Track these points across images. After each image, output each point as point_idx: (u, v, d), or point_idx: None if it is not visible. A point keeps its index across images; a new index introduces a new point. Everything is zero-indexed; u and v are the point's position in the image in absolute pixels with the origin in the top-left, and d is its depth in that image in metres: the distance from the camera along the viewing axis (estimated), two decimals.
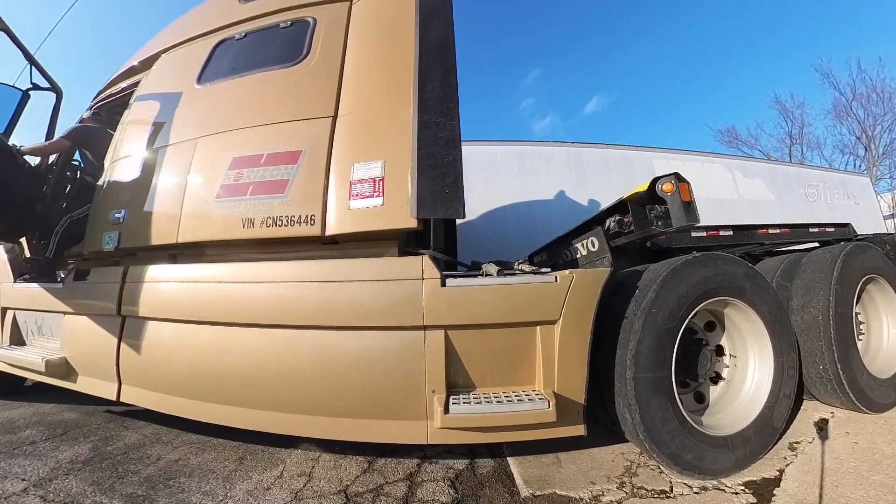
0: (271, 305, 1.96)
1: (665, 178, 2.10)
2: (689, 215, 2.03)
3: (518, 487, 1.78)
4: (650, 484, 1.75)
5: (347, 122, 2.14)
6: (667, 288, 1.85)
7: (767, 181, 6.87)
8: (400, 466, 2.02)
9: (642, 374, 1.74)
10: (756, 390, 1.98)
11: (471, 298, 1.79)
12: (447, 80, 2.07)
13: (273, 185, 2.06)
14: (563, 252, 2.96)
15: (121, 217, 2.50)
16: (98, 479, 1.93)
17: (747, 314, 2.01)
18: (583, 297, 1.79)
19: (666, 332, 1.80)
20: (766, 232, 2.80)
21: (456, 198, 1.84)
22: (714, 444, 1.78)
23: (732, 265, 2.00)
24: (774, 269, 2.59)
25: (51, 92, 3.33)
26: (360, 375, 1.84)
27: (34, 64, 3.13)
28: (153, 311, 2.24)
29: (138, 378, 2.29)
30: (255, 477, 1.94)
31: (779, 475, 1.76)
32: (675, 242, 2.58)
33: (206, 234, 2.16)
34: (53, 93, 3.34)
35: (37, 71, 3.17)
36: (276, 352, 1.95)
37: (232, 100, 2.49)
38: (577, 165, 5.81)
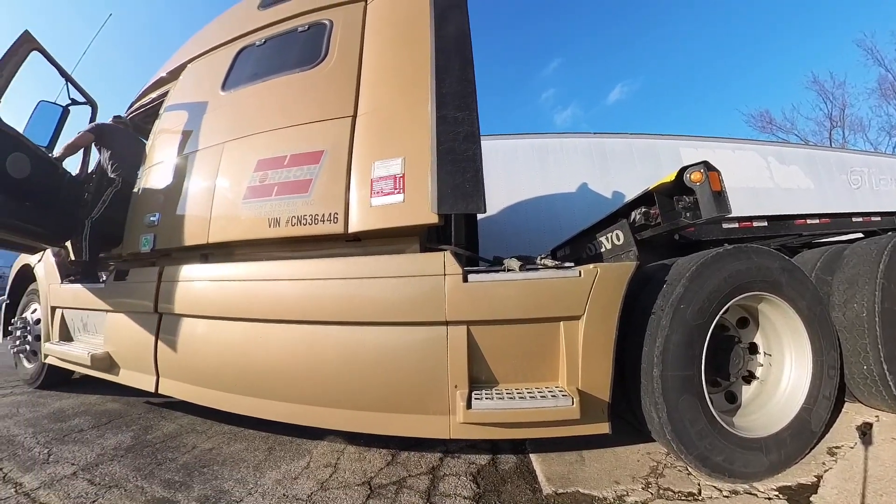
0: (297, 302, 2.01)
1: (693, 167, 2.01)
2: (720, 206, 1.94)
3: (540, 484, 1.77)
4: (677, 485, 1.69)
5: (367, 120, 2.16)
6: (696, 282, 1.77)
7: (805, 168, 6.46)
8: (422, 460, 2.05)
9: (670, 371, 1.68)
10: (793, 391, 1.88)
11: (493, 294, 1.78)
12: (464, 74, 2.05)
13: (297, 186, 2.11)
14: (587, 246, 2.90)
15: (155, 220, 2.62)
16: (139, 465, 2.04)
17: (784, 310, 1.91)
18: (608, 292, 1.75)
19: (695, 328, 1.73)
20: (805, 222, 2.64)
21: (476, 192, 1.82)
22: (746, 446, 1.70)
23: (767, 258, 1.90)
24: (814, 262, 2.44)
25: (87, 106, 3.54)
26: (383, 370, 1.86)
27: (70, 81, 3.33)
28: (187, 309, 2.35)
29: (174, 371, 2.41)
30: (283, 466, 2.01)
31: (816, 481, 1.66)
32: (704, 235, 2.48)
33: (235, 234, 2.23)
34: (90, 106, 3.56)
35: (73, 87, 3.38)
36: (303, 347, 2.00)
37: (255, 104, 2.55)
38: (599, 156, 5.66)
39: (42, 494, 1.77)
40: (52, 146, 3.27)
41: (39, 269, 3.44)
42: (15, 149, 2.52)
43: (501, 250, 2.95)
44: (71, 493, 1.78)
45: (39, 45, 2.78)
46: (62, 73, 3.24)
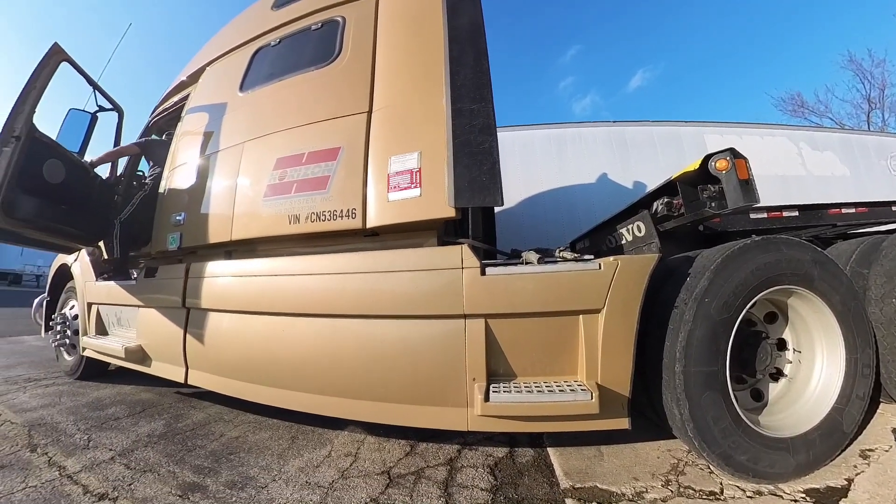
0: (317, 296, 2.05)
1: (719, 155, 1.93)
2: (747, 195, 1.87)
3: (558, 478, 1.76)
4: (698, 484, 1.65)
5: (382, 115, 2.17)
6: (722, 275, 1.71)
7: (840, 154, 6.09)
8: (441, 451, 2.07)
9: (693, 367, 1.64)
10: (823, 390, 1.79)
11: (511, 287, 1.77)
12: (479, 65, 2.02)
13: (315, 182, 2.14)
14: (607, 238, 2.84)
15: (181, 219, 2.71)
16: (171, 452, 2.14)
17: (815, 305, 1.82)
18: (628, 285, 1.71)
19: (720, 323, 1.67)
20: (839, 212, 2.52)
21: (493, 185, 1.81)
22: (772, 445, 1.64)
23: (798, 250, 1.81)
24: (849, 254, 2.31)
25: (114, 112, 3.68)
26: (402, 362, 1.89)
27: (97, 89, 3.46)
28: (212, 303, 2.43)
29: (202, 363, 2.51)
30: (305, 455, 2.07)
31: (847, 484, 1.58)
32: (731, 225, 2.40)
33: (257, 231, 2.29)
34: (116, 112, 3.70)
35: (100, 95, 3.52)
36: (323, 339, 2.05)
37: (272, 104, 2.59)
38: (619, 146, 5.51)
39: (83, 477, 1.88)
40: (82, 152, 3.43)
41: (76, 268, 3.62)
42: (50, 156, 2.65)
43: (519, 243, 2.93)
44: (109, 476, 1.89)
45: (68, 55, 2.89)
46: (89, 82, 3.37)
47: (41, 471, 1.93)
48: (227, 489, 1.75)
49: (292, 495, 1.69)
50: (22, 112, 2.50)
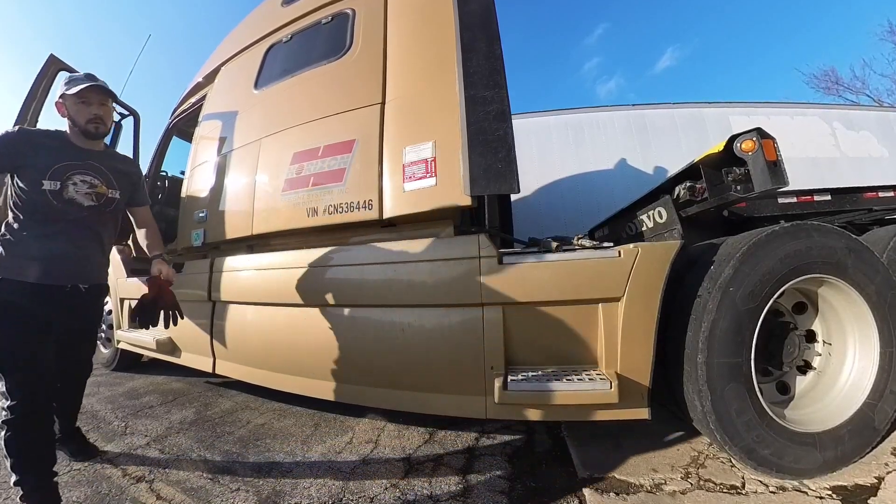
0: (337, 287, 2.09)
1: (745, 136, 1.84)
2: (776, 178, 1.77)
3: (576, 468, 1.76)
4: (719, 477, 1.62)
5: (395, 106, 2.15)
6: (748, 264, 1.64)
7: (878, 133, 5.72)
8: (459, 439, 2.10)
9: (716, 358, 1.59)
10: (855, 384, 1.71)
11: (528, 275, 1.76)
12: (491, 51, 1.98)
13: (331, 175, 2.16)
14: (627, 225, 2.78)
15: (204, 216, 2.78)
16: (201, 438, 2.24)
17: (848, 295, 1.72)
18: (649, 273, 1.67)
19: (745, 313, 1.61)
20: (876, 196, 2.37)
21: (509, 172, 1.78)
22: (798, 440, 1.58)
23: (830, 237, 1.71)
24: (886, 241, 2.18)
25: (130, 117, 3.77)
26: (421, 351, 1.91)
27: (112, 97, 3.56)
28: (236, 296, 2.51)
29: (228, 353, 2.60)
30: (328, 441, 2.13)
31: (876, 483, 1.52)
32: (758, 211, 2.30)
33: (276, 225, 2.33)
34: (132, 116, 3.78)
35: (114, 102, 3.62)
36: (344, 329, 2.09)
37: (287, 100, 2.61)
38: (639, 130, 5.35)
39: (122, 461, 2.00)
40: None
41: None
42: None
43: (537, 231, 2.90)
44: (145, 460, 1.99)
45: (65, 65, 2.97)
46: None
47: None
48: (254, 473, 1.83)
49: (316, 479, 1.75)
50: (24, 121, 2.64)
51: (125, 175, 1.89)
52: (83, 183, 1.69)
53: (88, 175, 1.71)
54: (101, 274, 1.88)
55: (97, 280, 1.85)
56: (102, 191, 1.76)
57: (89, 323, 1.97)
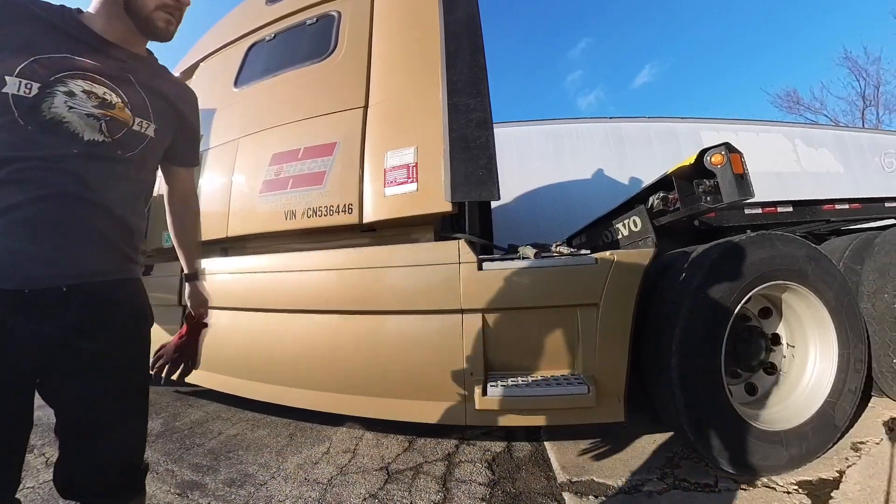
0: (315, 292, 2.06)
1: (714, 150, 1.94)
2: (742, 189, 1.87)
3: (555, 472, 1.77)
4: (693, 476, 1.67)
5: (378, 110, 2.16)
6: (717, 271, 1.72)
7: (835, 150, 6.14)
8: (439, 447, 2.08)
9: (688, 361, 1.65)
10: (816, 384, 1.82)
11: (508, 281, 1.78)
12: (475, 60, 2.02)
13: (311, 178, 2.13)
14: (603, 233, 2.86)
15: None
16: (169, 451, 2.14)
17: (809, 300, 1.84)
18: (624, 280, 1.73)
19: (715, 318, 1.69)
20: (833, 208, 2.53)
21: (490, 180, 1.81)
22: (766, 439, 1.66)
23: (792, 246, 1.82)
24: (842, 250, 2.33)
25: None
26: (400, 358, 1.90)
27: None
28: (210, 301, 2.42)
29: (200, 361, 2.49)
30: (304, 452, 2.07)
31: (838, 477, 1.61)
32: (726, 221, 2.40)
33: (253, 227, 2.28)
34: None
35: None
36: (321, 335, 2.05)
37: (267, 99, 2.58)
38: (616, 142, 5.52)
39: None
40: None
41: None
42: None
43: (516, 238, 2.93)
44: None
45: None
46: None
47: (38, 472, 1.92)
48: (226, 487, 1.75)
49: (291, 492, 1.70)
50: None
51: (172, 105, 1.05)
52: (86, 95, 0.85)
53: (100, 84, 0.88)
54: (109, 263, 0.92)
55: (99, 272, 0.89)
56: (123, 116, 0.91)
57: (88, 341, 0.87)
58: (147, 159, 1.00)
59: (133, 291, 0.98)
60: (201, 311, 1.28)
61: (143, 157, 0.97)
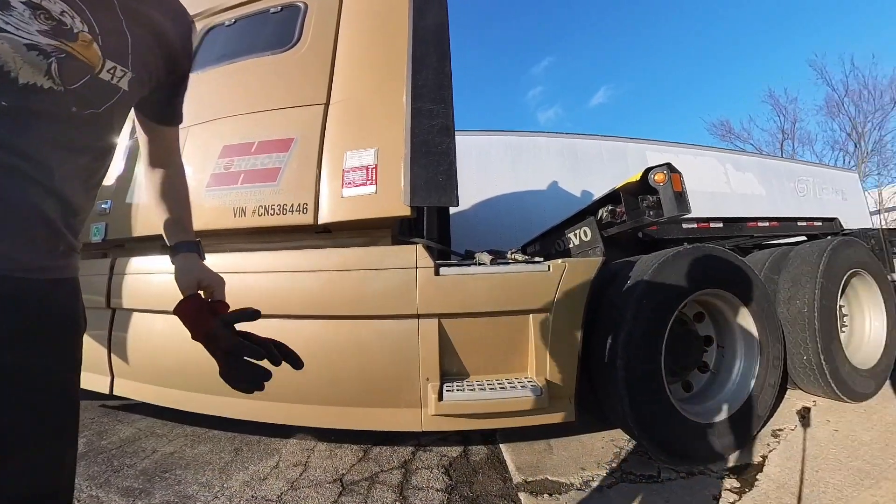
0: (264, 295, 1.94)
1: (657, 169, 2.10)
2: (681, 206, 2.04)
3: (511, 473, 1.81)
4: (639, 469, 1.79)
5: (340, 109, 2.11)
6: (658, 279, 1.86)
7: (758, 175, 6.91)
8: (395, 454, 2.04)
9: (632, 363, 1.76)
10: (742, 380, 2.02)
11: (464, 287, 1.80)
12: (441, 67, 2.05)
13: (264, 174, 2.04)
14: (556, 242, 2.98)
15: (107, 207, 2.45)
16: (93, 474, 1.92)
17: (735, 305, 2.04)
18: (575, 287, 1.82)
19: (656, 322, 1.82)
20: (756, 225, 2.83)
21: (450, 186, 1.83)
22: (701, 431, 1.82)
23: (722, 257, 2.03)
24: (763, 262, 2.62)
25: None
26: (354, 364, 1.84)
27: None
28: (143, 303, 2.21)
29: (131, 371, 2.27)
30: (251, 467, 1.95)
31: (762, 461, 1.81)
32: (666, 233, 2.60)
33: (198, 224, 2.08)
34: None
35: None
36: None
37: (223, 87, 2.44)
38: (571, 156, 5.80)
39: None
40: None
41: None
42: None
43: (473, 245, 2.98)
44: None
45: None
46: None
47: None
48: None
49: None
50: None
51: (161, 38, 0.76)
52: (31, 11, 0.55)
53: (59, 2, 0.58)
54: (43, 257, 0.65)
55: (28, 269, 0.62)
56: (88, 54, 0.61)
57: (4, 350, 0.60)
58: (114, 120, 0.71)
59: (68, 293, 0.73)
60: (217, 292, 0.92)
61: (110, 116, 0.68)
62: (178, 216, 0.97)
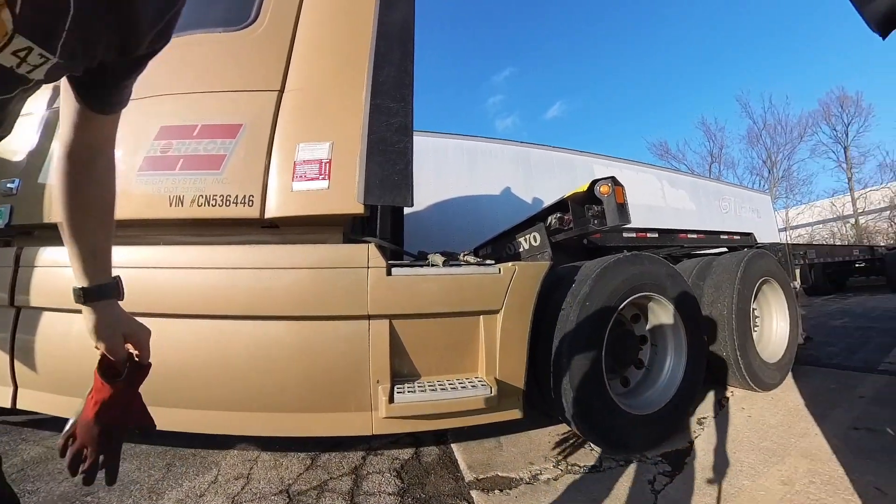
0: (202, 294, 1.80)
1: (603, 181, 2.25)
2: (622, 216, 2.20)
3: (462, 472, 1.83)
4: (583, 461, 1.90)
5: (295, 98, 2.01)
6: (600, 283, 1.99)
7: (690, 192, 7.71)
8: (344, 461, 1.98)
9: (576, 360, 1.86)
10: (672, 374, 2.21)
11: (416, 288, 1.80)
12: (404, 65, 2.02)
13: (207, 161, 1.88)
14: (507, 246, 3.07)
15: (14, 187, 2.13)
16: None
17: (667, 308, 2.23)
18: (524, 289, 1.88)
19: (598, 323, 1.94)
20: (686, 237, 3.13)
21: (405, 185, 1.82)
22: (637, 422, 1.97)
23: (657, 265, 2.22)
24: (691, 270, 2.90)
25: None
26: (301, 368, 1.76)
27: None
28: (55, 301, 1.94)
29: (39, 380, 1.99)
30: (185, 484, 1.78)
31: (689, 446, 2.01)
32: (608, 241, 2.78)
33: (126, 211, 1.91)
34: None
35: None
36: (208, 345, 1.80)
37: (165, 61, 2.20)
38: (524, 164, 6.02)
39: None
40: None
41: None
42: None
43: (427, 246, 2.98)
44: None
45: None
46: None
47: None
48: None
49: None
50: None
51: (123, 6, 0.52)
52: None
53: None
54: None
55: None
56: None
57: None
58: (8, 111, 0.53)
59: None
60: (143, 346, 0.76)
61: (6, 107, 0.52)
62: (96, 241, 0.71)
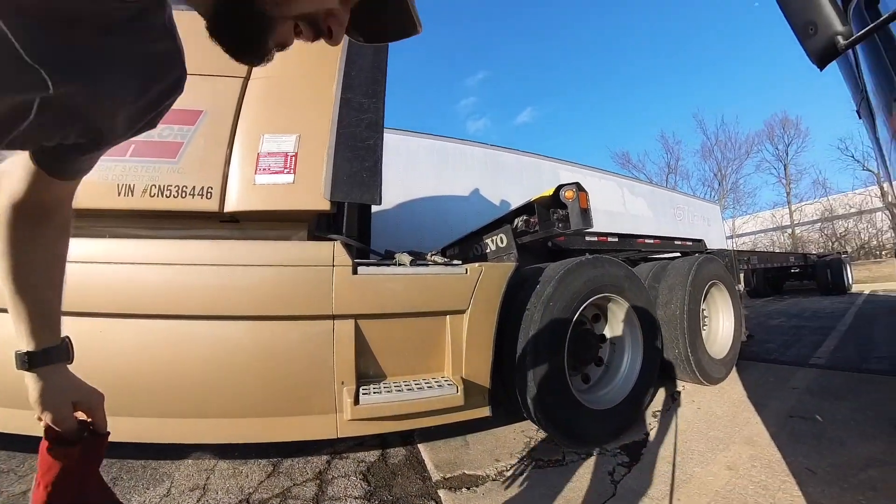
0: (155, 292, 1.67)
1: (568, 186, 2.33)
2: (585, 221, 2.29)
3: (429, 472, 1.83)
4: (546, 455, 1.96)
5: (261, 86, 1.93)
6: (563, 284, 2.06)
7: (648, 200, 8.16)
8: (308, 466, 1.91)
9: (540, 359, 1.91)
10: (629, 371, 2.33)
11: (383, 287, 1.78)
12: (377, 61, 2.00)
13: (161, 148, 1.76)
14: (474, 246, 3.10)
15: None
16: None
17: (625, 308, 2.34)
18: (490, 289, 1.91)
19: (561, 322, 2.00)
20: (643, 241, 3.31)
21: (373, 183, 1.79)
22: (597, 417, 2.06)
23: (616, 267, 2.32)
24: (647, 273, 3.06)
25: None
26: (262, 370, 1.69)
27: None
28: None
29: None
30: (135, 499, 1.65)
31: (645, 438, 2.13)
32: (571, 244, 2.88)
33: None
34: None
35: None
36: (161, 347, 1.67)
37: None
38: (493, 167, 6.11)
39: None
40: None
41: None
42: None
43: (394, 245, 2.95)
44: None
45: None
46: None
47: None
48: None
49: None
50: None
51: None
52: None
53: None
54: None
55: None
56: None
57: None
58: None
59: None
60: (96, 414, 0.71)
61: None
62: (44, 300, 0.66)
